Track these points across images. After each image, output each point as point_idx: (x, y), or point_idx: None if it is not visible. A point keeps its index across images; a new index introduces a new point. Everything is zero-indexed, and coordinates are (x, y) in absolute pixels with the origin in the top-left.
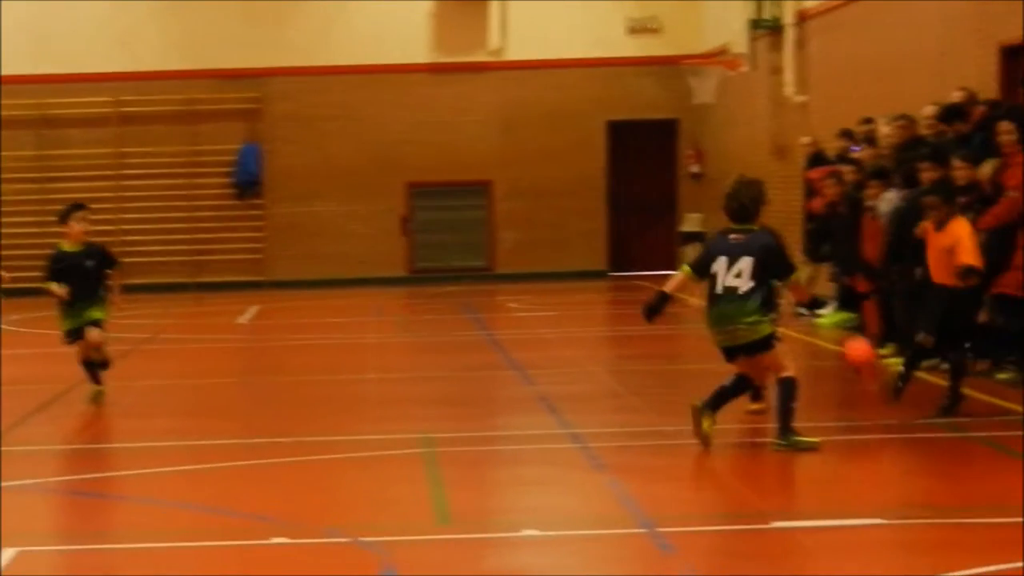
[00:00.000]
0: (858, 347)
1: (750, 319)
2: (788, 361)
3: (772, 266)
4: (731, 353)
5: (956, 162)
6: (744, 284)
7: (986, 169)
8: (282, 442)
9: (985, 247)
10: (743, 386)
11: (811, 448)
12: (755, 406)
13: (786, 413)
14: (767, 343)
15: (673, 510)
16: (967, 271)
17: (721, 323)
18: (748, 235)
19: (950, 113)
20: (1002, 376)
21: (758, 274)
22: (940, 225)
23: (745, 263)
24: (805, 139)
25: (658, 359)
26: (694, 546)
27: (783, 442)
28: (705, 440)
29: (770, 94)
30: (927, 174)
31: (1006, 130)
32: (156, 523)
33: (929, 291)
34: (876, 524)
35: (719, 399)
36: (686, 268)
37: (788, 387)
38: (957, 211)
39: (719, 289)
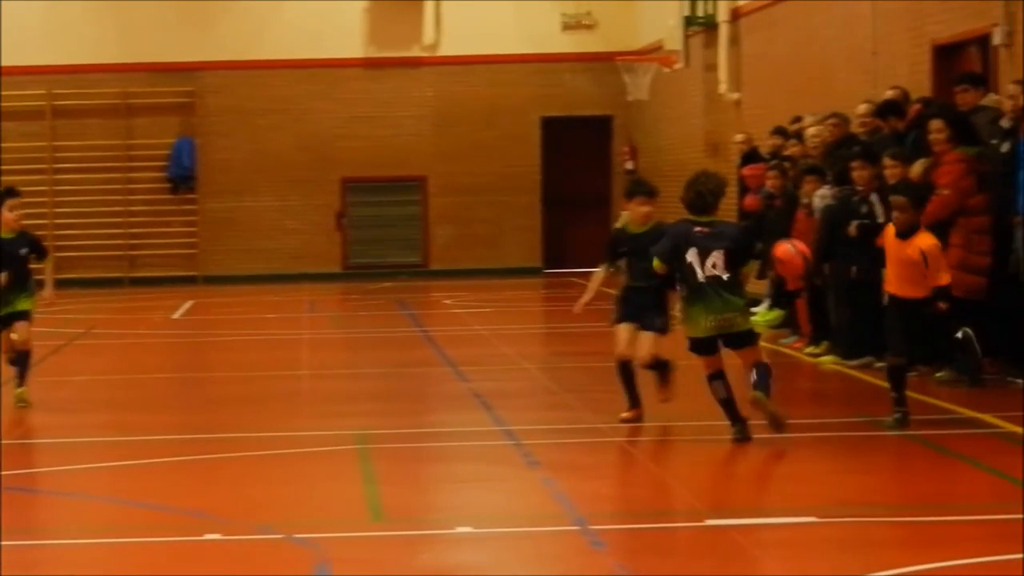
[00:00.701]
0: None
1: (741, 308)
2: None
3: (740, 257)
4: (713, 343)
5: (887, 160)
6: (724, 274)
7: (916, 168)
8: (216, 438)
9: None
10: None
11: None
12: (627, 414)
13: (768, 386)
14: (755, 335)
15: (606, 507)
16: (937, 292)
17: (717, 310)
18: (713, 227)
19: (886, 109)
20: (939, 375)
21: (730, 265)
22: (906, 233)
23: (718, 255)
24: (739, 136)
25: (592, 356)
26: (627, 543)
27: (761, 394)
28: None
29: (704, 91)
30: (858, 172)
31: (936, 128)
32: (88, 519)
33: (891, 306)
34: (810, 522)
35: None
36: (606, 266)
37: (767, 367)
38: (918, 220)
39: (701, 278)
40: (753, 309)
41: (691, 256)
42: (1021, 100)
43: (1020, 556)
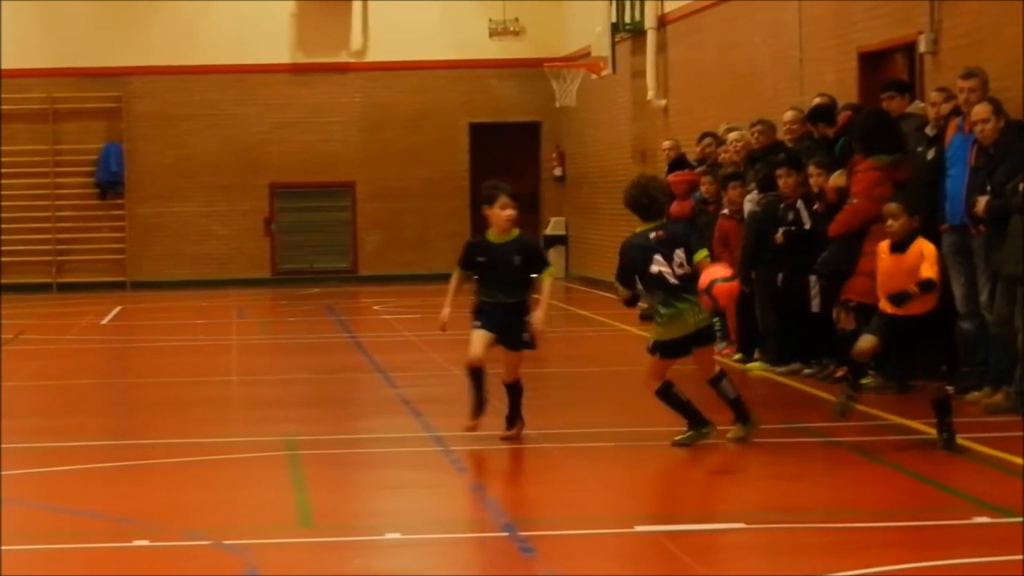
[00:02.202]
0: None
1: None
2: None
3: (693, 253)
4: (688, 343)
5: (812, 169)
6: (689, 270)
7: (835, 178)
8: (145, 444)
9: (832, 254)
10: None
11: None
12: (508, 432)
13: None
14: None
15: (535, 513)
16: (925, 284)
17: (695, 308)
18: (666, 229)
19: (816, 115)
20: (864, 382)
21: (689, 261)
22: (902, 244)
23: (680, 253)
24: (666, 143)
25: (523, 362)
26: (556, 549)
27: (746, 432)
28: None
29: (631, 97)
30: (784, 180)
31: (855, 138)
32: (16, 525)
33: (890, 327)
34: (738, 528)
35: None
36: (458, 270)
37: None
38: (918, 225)
39: (674, 280)
40: None
41: (657, 264)
42: (944, 108)
43: (944, 562)
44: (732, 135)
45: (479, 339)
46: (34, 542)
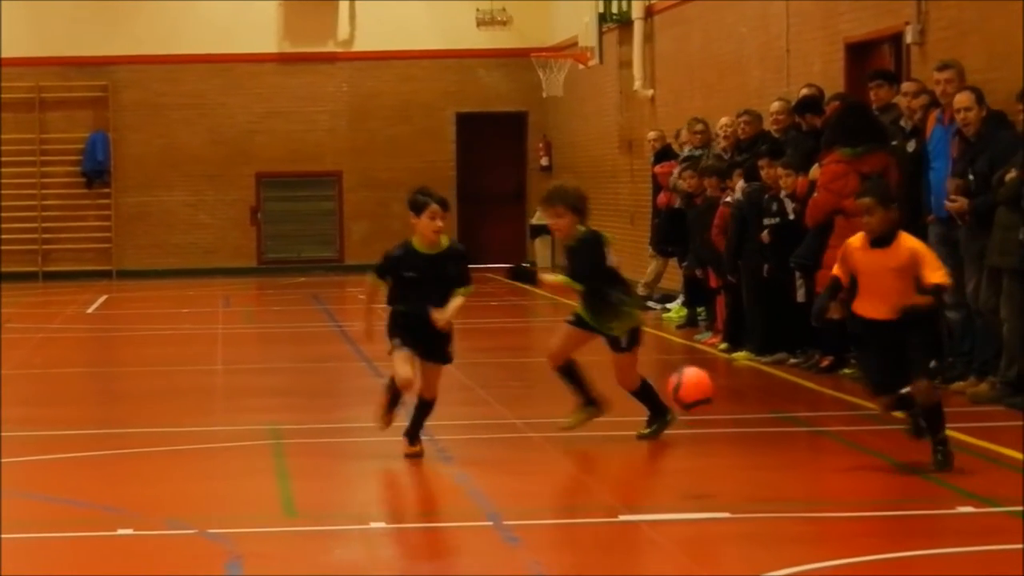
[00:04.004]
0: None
1: None
2: None
3: None
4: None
5: (779, 170)
6: None
7: (815, 171)
8: (129, 433)
9: (802, 248)
10: None
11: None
12: (412, 449)
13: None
14: None
15: (520, 503)
16: (936, 290)
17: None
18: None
19: (804, 106)
20: (848, 372)
21: None
22: (884, 240)
23: None
24: (652, 134)
25: (506, 352)
26: (541, 539)
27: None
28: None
29: (618, 88)
30: (766, 171)
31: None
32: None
33: (871, 337)
34: (723, 518)
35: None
36: (374, 278)
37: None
38: (897, 215)
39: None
40: (668, 305)
41: (613, 258)
42: (915, 102)
43: (929, 551)
44: (722, 120)
45: (405, 360)
46: (18, 531)
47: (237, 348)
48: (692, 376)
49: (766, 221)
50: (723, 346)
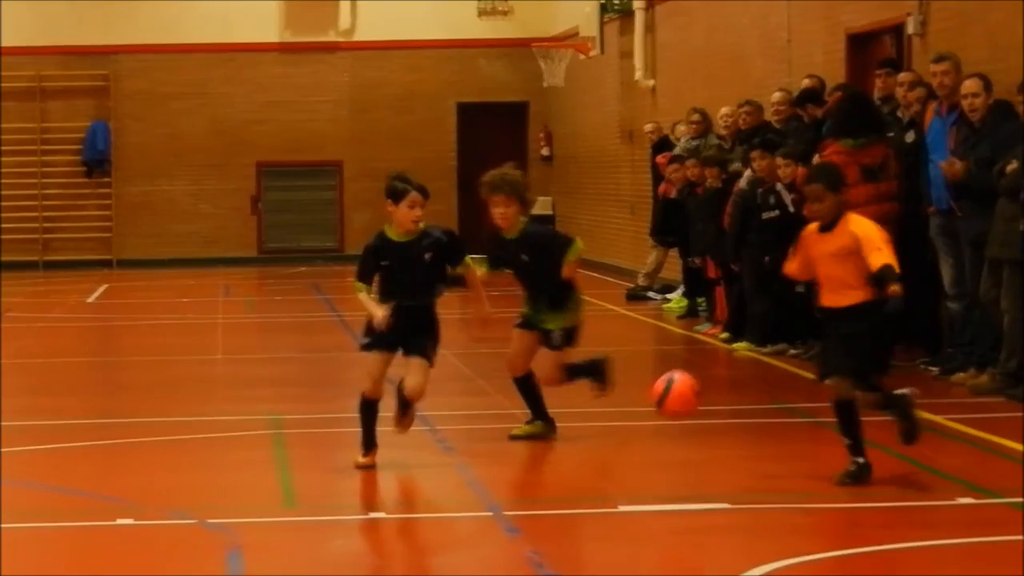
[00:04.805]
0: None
1: None
2: None
3: None
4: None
5: (779, 160)
6: None
7: (816, 161)
8: (129, 423)
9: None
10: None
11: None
12: (365, 459)
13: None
14: None
15: (520, 493)
16: (882, 274)
17: None
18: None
19: (805, 97)
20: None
21: None
22: (831, 225)
23: None
24: (648, 126)
25: (506, 342)
26: (541, 529)
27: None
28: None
29: (620, 78)
30: (758, 163)
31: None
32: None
33: (828, 324)
34: (723, 508)
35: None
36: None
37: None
38: (845, 203)
39: None
40: (668, 296)
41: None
42: (911, 95)
43: (929, 543)
44: (723, 110)
45: (376, 367)
46: (18, 520)
47: (238, 338)
48: (681, 388)
49: (765, 215)
50: (724, 336)
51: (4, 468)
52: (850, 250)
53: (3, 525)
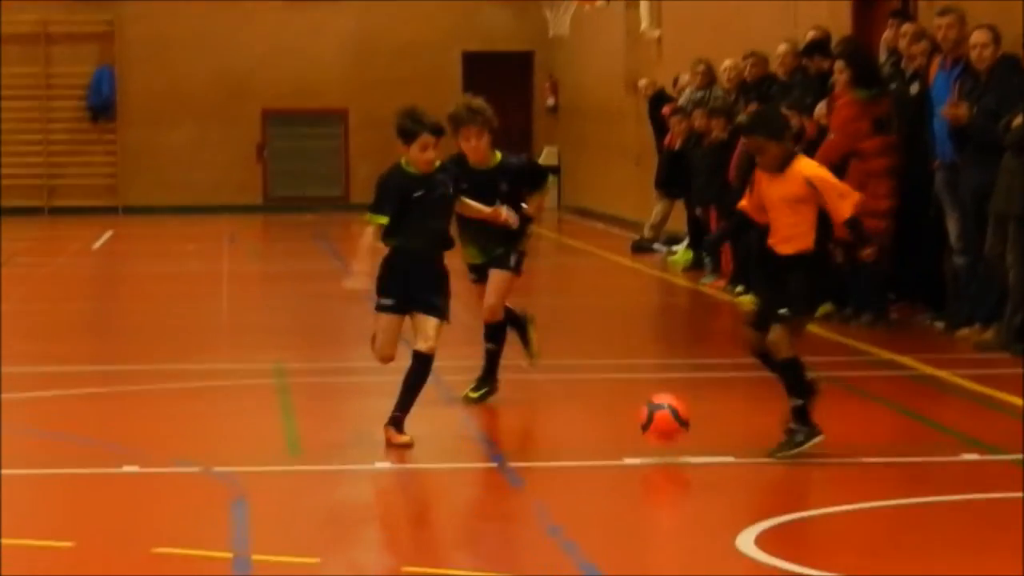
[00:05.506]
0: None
1: None
2: None
3: None
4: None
5: (784, 111)
6: None
7: (820, 110)
8: (134, 370)
9: None
10: None
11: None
12: (398, 438)
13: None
14: None
15: (525, 445)
16: (853, 223)
17: None
18: None
19: (812, 48)
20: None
21: None
22: (781, 168)
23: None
24: (643, 81)
25: (514, 292)
26: (545, 481)
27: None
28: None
29: (625, 28)
30: None
31: (838, 69)
32: (5, 450)
33: (761, 264)
34: (727, 462)
35: None
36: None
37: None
38: (792, 147)
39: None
40: (673, 248)
41: None
42: (915, 48)
43: (933, 498)
44: (726, 63)
45: (387, 329)
46: (23, 467)
47: (242, 286)
48: (661, 423)
49: None
50: (739, 289)
51: (7, 415)
52: (800, 198)
53: (8, 472)
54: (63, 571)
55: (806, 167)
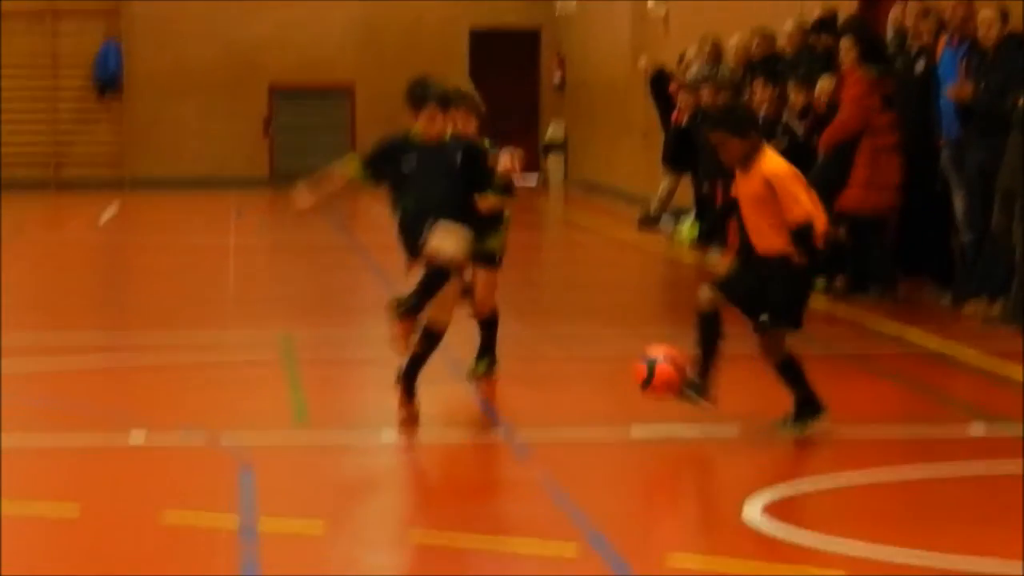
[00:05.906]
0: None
1: None
2: None
3: None
4: None
5: (791, 85)
6: None
7: (824, 85)
8: (140, 341)
9: (823, 166)
10: None
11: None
12: (407, 407)
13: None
14: None
15: (532, 417)
16: (800, 232)
17: None
18: None
19: (821, 25)
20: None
21: None
22: (745, 164)
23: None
24: (642, 61)
25: (518, 267)
26: (552, 453)
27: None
28: None
29: (632, 6)
30: (759, 94)
31: (846, 46)
32: (13, 421)
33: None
34: (733, 435)
35: None
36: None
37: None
38: (759, 141)
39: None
40: (681, 218)
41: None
42: (923, 25)
43: (940, 468)
44: (733, 39)
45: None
46: (31, 437)
47: (249, 258)
48: (664, 373)
49: (772, 143)
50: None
51: (16, 385)
52: (760, 197)
53: (16, 442)
54: (69, 538)
55: (768, 166)
